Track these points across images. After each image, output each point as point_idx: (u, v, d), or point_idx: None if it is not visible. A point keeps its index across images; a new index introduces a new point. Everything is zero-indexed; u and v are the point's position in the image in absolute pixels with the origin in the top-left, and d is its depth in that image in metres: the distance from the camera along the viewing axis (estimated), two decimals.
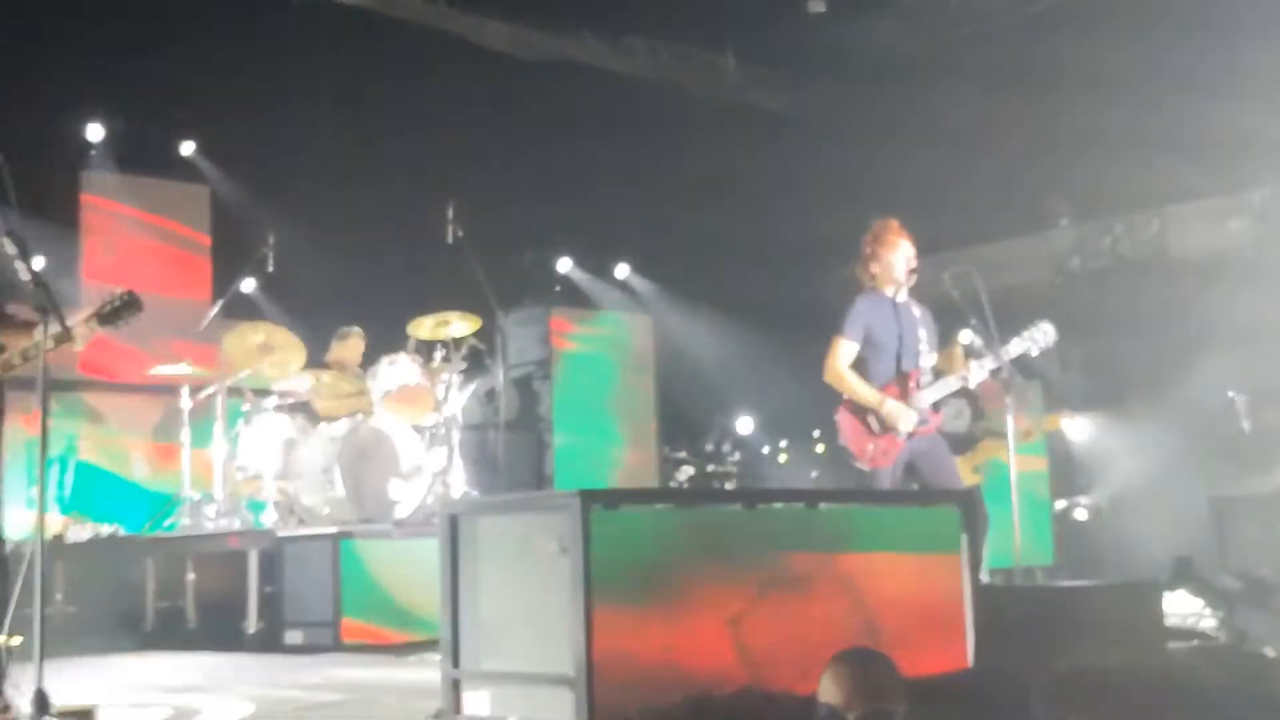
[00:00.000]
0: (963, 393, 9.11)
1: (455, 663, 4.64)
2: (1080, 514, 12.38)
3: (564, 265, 12.33)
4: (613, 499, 4.47)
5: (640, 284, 12.82)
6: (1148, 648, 5.10)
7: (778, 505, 4.99)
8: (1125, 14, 12.56)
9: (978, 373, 6.85)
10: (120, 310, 4.67)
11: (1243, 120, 12.10)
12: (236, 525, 8.98)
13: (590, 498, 4.30)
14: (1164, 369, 11.85)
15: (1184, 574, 5.69)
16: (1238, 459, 10.95)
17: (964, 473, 9.12)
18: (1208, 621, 6.63)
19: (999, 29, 13.61)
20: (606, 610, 4.22)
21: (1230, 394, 10.89)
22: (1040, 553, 10.92)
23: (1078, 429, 12.88)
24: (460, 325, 9.49)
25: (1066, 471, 12.18)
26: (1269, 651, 5.12)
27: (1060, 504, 12.25)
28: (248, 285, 10.72)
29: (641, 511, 4.58)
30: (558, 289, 12.24)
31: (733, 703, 4.14)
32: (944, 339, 7.41)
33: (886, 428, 6.65)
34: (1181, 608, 6.57)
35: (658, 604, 4.36)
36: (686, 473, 12.33)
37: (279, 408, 9.29)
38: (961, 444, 9.31)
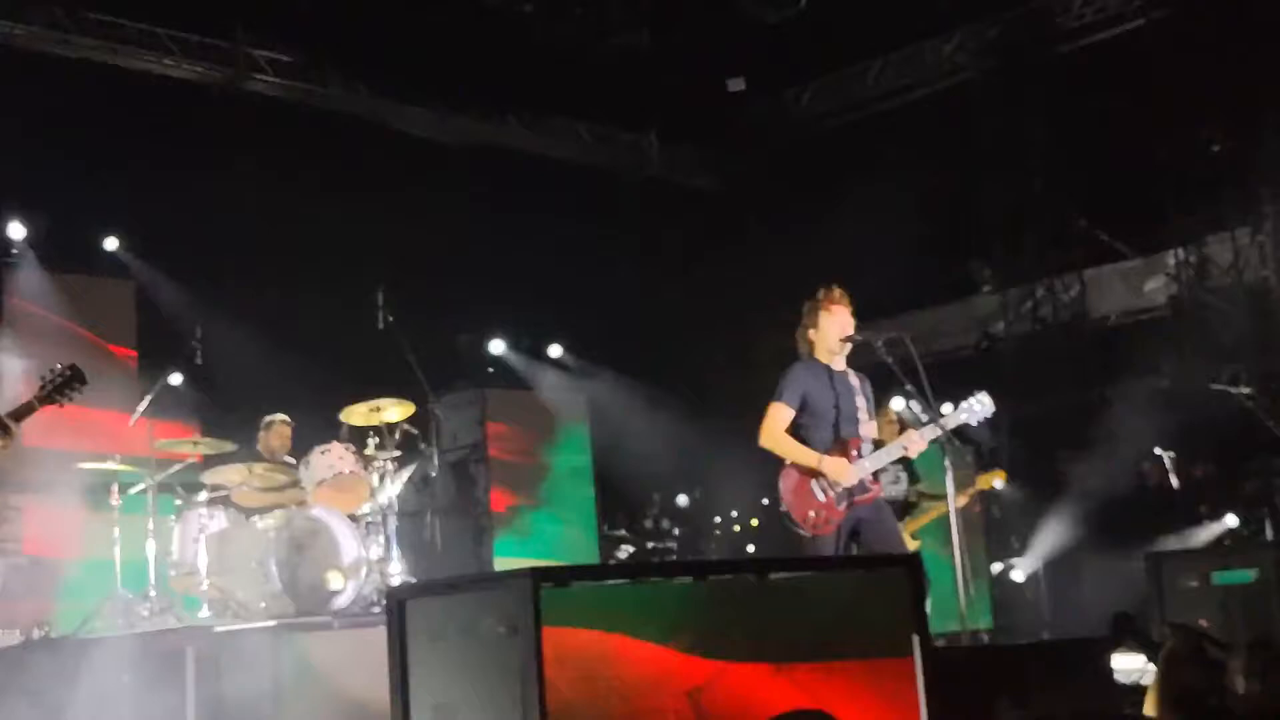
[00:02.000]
0: (900, 459, 9.23)
1: None
2: (1017, 576, 12.46)
3: (497, 347, 12.31)
4: (563, 576, 4.44)
5: (574, 363, 12.83)
6: (1098, 704, 5.12)
7: (727, 576, 4.97)
8: (1040, 87, 12.90)
9: (918, 442, 6.91)
10: (63, 385, 4.61)
11: (1157, 185, 12.41)
12: (172, 623, 8.80)
13: (540, 575, 4.27)
14: (1091, 429, 12.01)
15: (1125, 629, 5.74)
16: (1168, 516, 11.11)
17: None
18: (1149, 678, 6.68)
19: (918, 103, 13.92)
20: (559, 688, 4.18)
21: (1158, 451, 11.05)
22: (979, 616, 10.98)
23: (1011, 492, 12.99)
24: (393, 411, 9.41)
25: (1002, 535, 12.27)
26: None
27: (997, 567, 12.33)
28: (175, 379, 10.59)
29: (592, 588, 4.55)
30: (491, 370, 12.21)
31: None
32: (878, 405, 7.48)
33: (830, 486, 6.68)
34: (1126, 664, 6.62)
35: (612, 680, 4.32)
36: (626, 550, 12.29)
37: (211, 501, 9.15)
38: (900, 510, 9.37)
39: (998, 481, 10.96)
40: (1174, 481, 9.79)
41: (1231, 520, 11.53)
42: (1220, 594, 7.00)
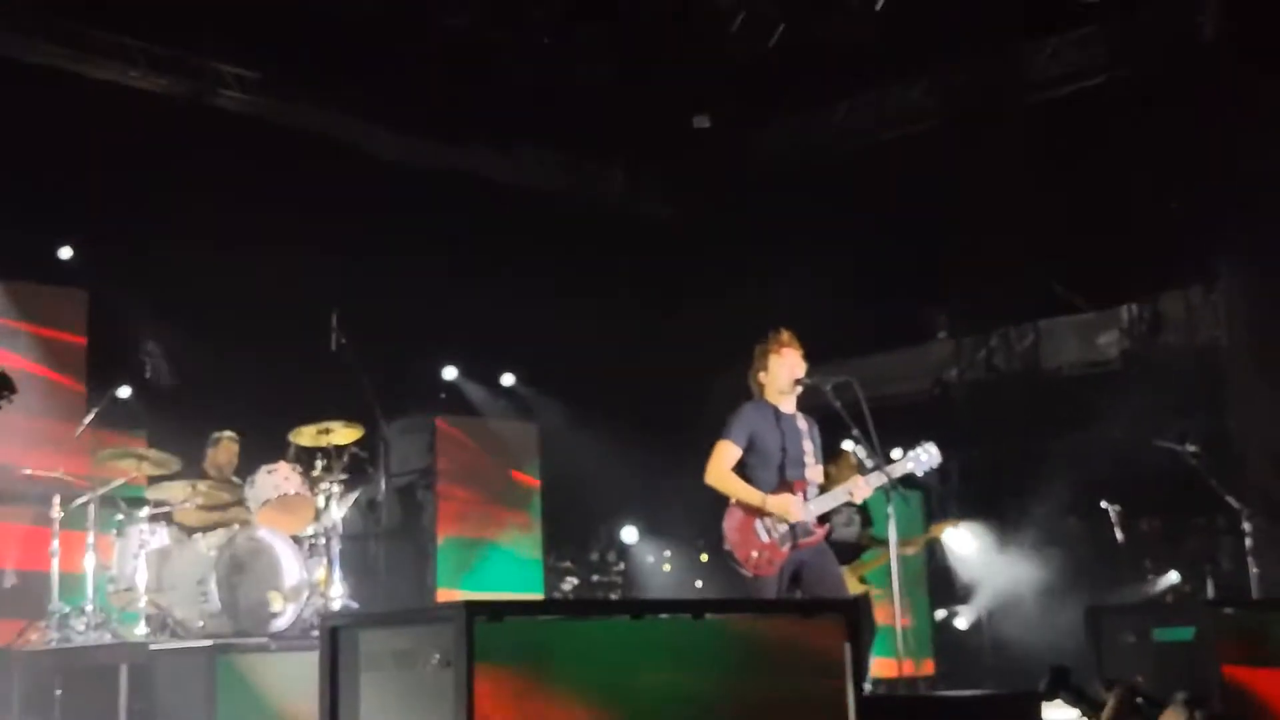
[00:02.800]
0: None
1: None
2: (960, 623, 12.50)
3: (449, 373, 12.27)
4: (497, 611, 4.42)
5: (526, 392, 12.81)
6: None
7: (664, 616, 4.96)
8: (1004, 137, 13.01)
9: (864, 489, 6.94)
10: None
11: (1114, 240, 12.53)
12: (107, 639, 8.71)
13: (474, 609, 4.26)
14: (1040, 480, 12.08)
15: (1060, 683, 5.76)
16: (1112, 568, 11.17)
17: (852, 582, 9.19)
18: None
19: (881, 148, 14.00)
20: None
21: (1104, 504, 11.11)
22: (918, 660, 11.01)
23: (957, 539, 13.04)
24: (342, 434, 9.38)
25: (946, 581, 12.31)
26: None
27: (940, 613, 12.36)
28: (124, 391, 10.52)
29: (526, 623, 4.53)
30: (443, 397, 12.16)
31: None
32: (827, 450, 7.50)
33: (773, 527, 6.70)
34: (1059, 716, 6.65)
35: (544, 714, 4.31)
36: (571, 583, 12.25)
37: (153, 518, 9.07)
38: (850, 552, 9.38)
39: (950, 530, 11.05)
40: (1119, 535, 9.84)
41: (1174, 576, 11.62)
42: (1157, 650, 7.02)
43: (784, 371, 7.01)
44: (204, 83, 12.18)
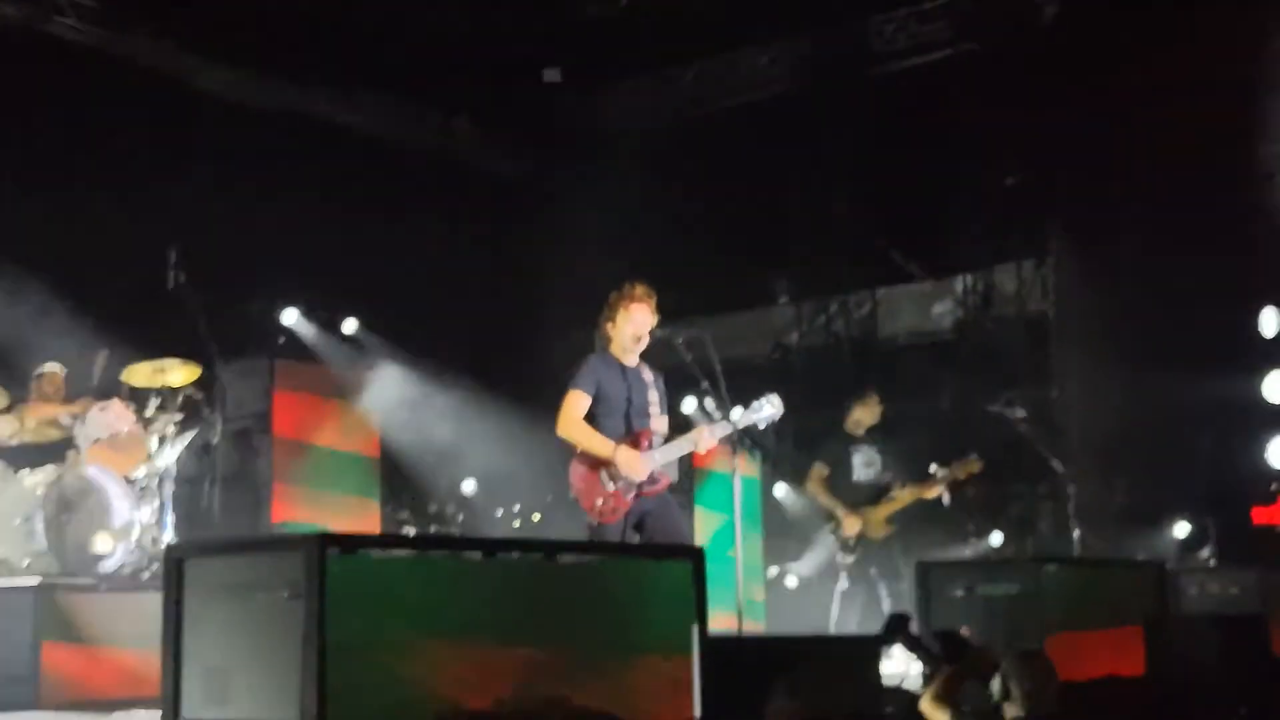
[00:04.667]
0: (874, 439, 9.33)
1: (175, 712, 4.45)
2: (790, 581, 12.71)
3: (289, 317, 12.03)
4: (351, 543, 4.38)
5: (367, 339, 12.62)
6: (865, 701, 5.28)
7: (516, 555, 4.98)
8: (848, 106, 13.23)
9: (709, 439, 7.01)
10: None
11: (952, 212, 12.85)
12: None
13: (327, 540, 4.21)
14: (817, 444, 12.33)
15: (898, 629, 5.91)
16: (939, 530, 11.47)
17: (878, 527, 9.24)
18: (913, 682, 6.91)
19: (730, 111, 14.13)
20: (339, 654, 4.13)
21: (932, 468, 11.40)
22: (752, 618, 11.16)
23: (789, 498, 13.26)
24: (178, 374, 9.17)
25: (780, 539, 12.50)
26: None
27: (772, 570, 12.56)
28: None
29: (378, 557, 4.50)
30: (281, 341, 11.93)
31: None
32: (673, 403, 7.57)
33: (620, 478, 6.75)
34: (895, 668, 6.83)
35: (394, 648, 4.29)
36: (408, 532, 12.13)
37: None
38: (873, 494, 9.45)
39: (777, 488, 11.19)
40: (945, 498, 10.09)
41: (996, 538, 12.00)
42: (982, 604, 7.25)
43: (629, 327, 7.04)
44: (39, 8, 11.71)
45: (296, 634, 4.17)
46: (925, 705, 5.37)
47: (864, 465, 9.53)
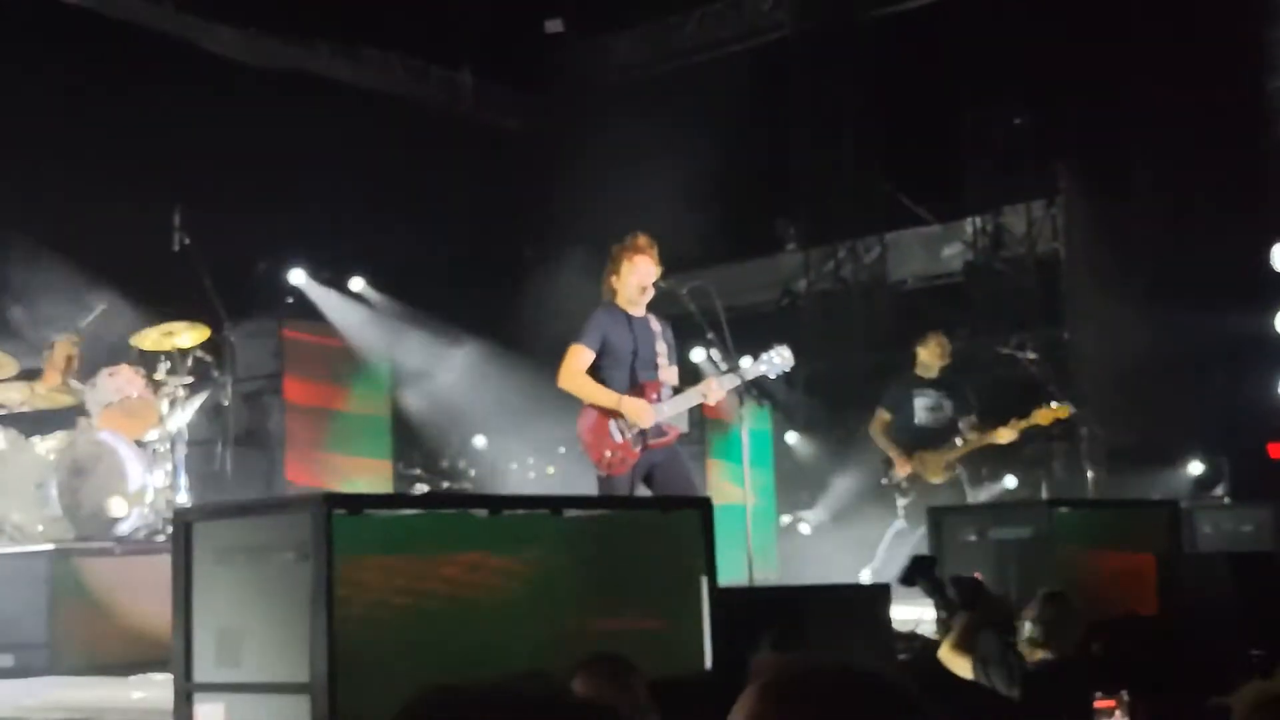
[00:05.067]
0: (941, 385, 9.27)
1: (188, 675, 4.46)
2: (804, 529, 12.73)
3: (296, 277, 12.02)
4: (356, 503, 4.38)
5: (376, 298, 12.61)
6: (877, 650, 5.28)
7: (522, 511, 4.97)
8: (853, 50, 13.12)
9: (717, 390, 6.99)
10: None
11: (960, 154, 12.76)
12: None
13: (333, 501, 4.21)
14: (883, 388, 12.31)
15: (921, 572, 5.88)
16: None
17: (936, 470, 9.21)
18: (926, 627, 6.91)
19: (734, 58, 14.03)
20: (348, 616, 4.14)
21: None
22: (765, 565, 11.18)
23: (802, 446, 13.27)
24: (187, 336, 9.16)
25: (792, 487, 12.51)
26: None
27: (785, 519, 12.57)
28: None
29: (385, 516, 4.50)
30: (289, 301, 11.92)
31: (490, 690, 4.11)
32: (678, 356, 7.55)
33: (628, 427, 6.74)
34: (904, 612, 6.84)
35: (402, 607, 4.30)
36: (421, 489, 12.16)
37: None
38: (937, 438, 9.41)
39: (789, 436, 11.14)
40: (959, 441, 10.06)
41: (1010, 481, 11.98)
42: (996, 549, 7.25)
43: (635, 277, 7.01)
44: None
45: (305, 595, 4.17)
46: (944, 653, 5.37)
47: (926, 409, 9.47)
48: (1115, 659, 5.42)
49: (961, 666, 5.26)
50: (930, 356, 9.59)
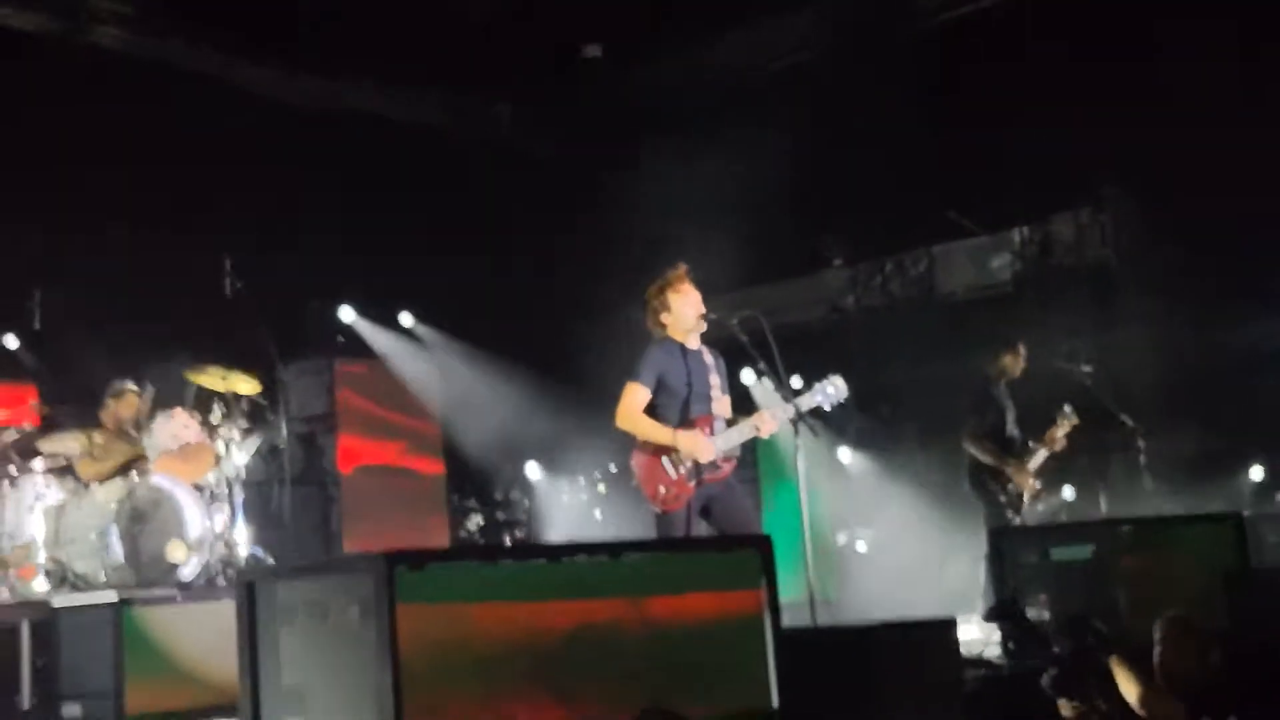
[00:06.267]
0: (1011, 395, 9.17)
1: None
2: (860, 547, 12.67)
3: (346, 314, 12.09)
4: (417, 559, 4.39)
5: (424, 332, 12.67)
6: (943, 683, 5.24)
7: (581, 557, 4.96)
8: (893, 62, 13.05)
9: (770, 422, 6.96)
10: None
11: (1005, 164, 12.67)
12: (5, 596, 8.53)
13: (394, 559, 4.22)
14: (935, 403, 12.23)
15: (1005, 614, 5.78)
16: None
17: (1026, 482, 9.23)
18: (993, 650, 6.86)
19: (773, 75, 13.98)
20: (413, 666, 4.15)
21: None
22: (823, 585, 11.13)
23: (855, 463, 13.20)
24: (240, 379, 9.24)
25: (847, 505, 12.45)
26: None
27: (841, 537, 12.51)
28: (11, 342, 10.26)
29: (447, 569, 4.50)
30: (340, 339, 11.99)
31: None
32: (732, 377, 7.52)
33: (680, 463, 6.72)
34: (972, 635, 6.78)
35: (469, 660, 4.30)
36: (476, 521, 12.20)
37: (48, 471, 8.87)
38: (1022, 449, 9.41)
39: (842, 453, 11.01)
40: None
41: (1068, 493, 11.88)
42: (1055, 570, 7.17)
43: (688, 309, 7.02)
44: (78, 19, 11.76)
45: (369, 651, 4.18)
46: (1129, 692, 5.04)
47: (1014, 421, 9.42)
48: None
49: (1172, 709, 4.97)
50: (1015, 364, 9.53)
